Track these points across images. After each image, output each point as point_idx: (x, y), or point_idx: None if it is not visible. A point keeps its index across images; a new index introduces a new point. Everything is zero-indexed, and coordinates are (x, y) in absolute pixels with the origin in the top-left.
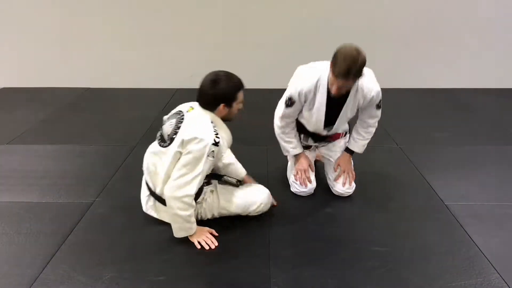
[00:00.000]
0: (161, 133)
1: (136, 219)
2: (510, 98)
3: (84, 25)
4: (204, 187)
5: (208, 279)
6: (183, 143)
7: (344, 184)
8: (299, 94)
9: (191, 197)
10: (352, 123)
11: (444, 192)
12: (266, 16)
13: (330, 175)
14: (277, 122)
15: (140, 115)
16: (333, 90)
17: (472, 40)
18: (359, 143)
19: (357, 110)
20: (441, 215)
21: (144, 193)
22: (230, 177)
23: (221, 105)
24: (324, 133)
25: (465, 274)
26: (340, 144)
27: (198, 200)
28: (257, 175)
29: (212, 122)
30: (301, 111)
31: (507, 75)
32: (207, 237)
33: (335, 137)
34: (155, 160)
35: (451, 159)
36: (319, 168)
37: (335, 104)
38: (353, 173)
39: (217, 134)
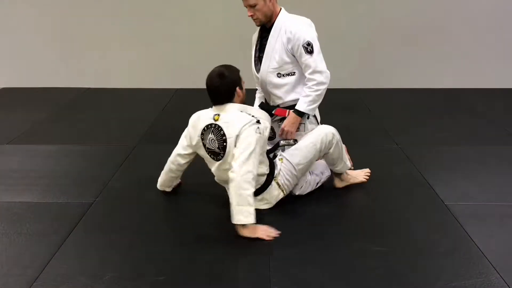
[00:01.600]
0: (208, 153)
1: (136, 219)
2: (510, 98)
3: (84, 25)
4: (274, 160)
5: (208, 279)
6: (239, 138)
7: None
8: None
9: (251, 173)
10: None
11: (444, 192)
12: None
13: None
14: None
15: (140, 115)
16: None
17: (472, 40)
18: (301, 101)
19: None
20: (441, 215)
21: None
22: (285, 139)
23: (237, 89)
24: (258, 75)
25: (465, 274)
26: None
27: (275, 173)
28: None
29: (241, 111)
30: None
31: (507, 75)
32: (266, 231)
33: (281, 111)
34: (223, 174)
35: (451, 159)
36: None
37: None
38: (293, 136)
39: (252, 115)
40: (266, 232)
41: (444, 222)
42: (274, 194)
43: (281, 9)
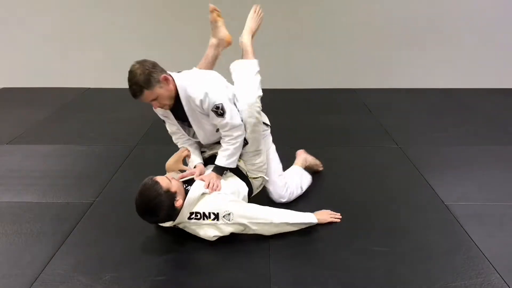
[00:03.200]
0: None
1: (136, 219)
2: (510, 98)
3: (84, 25)
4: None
5: (208, 279)
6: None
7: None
8: None
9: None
10: None
11: (444, 192)
12: (264, 16)
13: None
14: None
15: (140, 115)
16: None
17: (472, 40)
18: (220, 156)
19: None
20: (441, 215)
21: None
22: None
23: (174, 205)
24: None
25: (465, 274)
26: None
27: (246, 174)
28: None
29: (191, 218)
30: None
31: (507, 75)
32: (330, 215)
33: None
34: None
35: (451, 159)
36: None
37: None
38: (219, 188)
39: (200, 214)
40: (333, 216)
41: (444, 222)
42: (258, 184)
43: (173, 78)
